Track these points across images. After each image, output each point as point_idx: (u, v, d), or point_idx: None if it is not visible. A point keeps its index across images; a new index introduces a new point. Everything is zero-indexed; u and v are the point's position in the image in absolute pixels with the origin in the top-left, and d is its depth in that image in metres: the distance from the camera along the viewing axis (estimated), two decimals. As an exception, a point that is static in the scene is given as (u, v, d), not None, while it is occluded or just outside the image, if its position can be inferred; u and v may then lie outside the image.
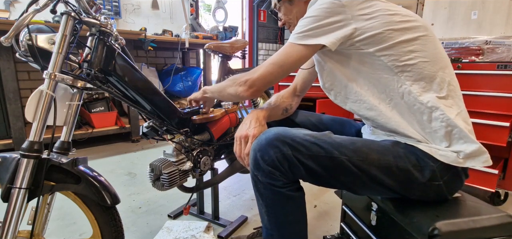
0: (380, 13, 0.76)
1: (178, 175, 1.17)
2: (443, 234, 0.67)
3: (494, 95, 1.47)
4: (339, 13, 0.76)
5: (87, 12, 0.89)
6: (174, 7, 3.74)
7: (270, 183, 0.75)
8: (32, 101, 0.80)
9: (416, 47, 0.77)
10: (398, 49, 0.76)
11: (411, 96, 0.77)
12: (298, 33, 0.79)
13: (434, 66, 0.78)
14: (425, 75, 0.77)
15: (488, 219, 0.73)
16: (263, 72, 0.83)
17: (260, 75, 0.83)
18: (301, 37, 0.78)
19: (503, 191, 1.64)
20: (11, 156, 0.81)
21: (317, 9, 0.78)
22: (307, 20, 0.79)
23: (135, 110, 1.11)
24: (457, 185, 0.81)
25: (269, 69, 0.82)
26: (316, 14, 0.77)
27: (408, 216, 0.76)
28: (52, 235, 1.35)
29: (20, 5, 2.69)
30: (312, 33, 0.78)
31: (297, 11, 0.96)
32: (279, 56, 0.81)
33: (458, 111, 0.78)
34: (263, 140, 0.76)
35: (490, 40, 1.61)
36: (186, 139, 1.24)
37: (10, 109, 2.15)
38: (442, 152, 0.76)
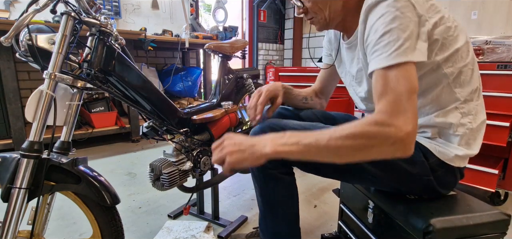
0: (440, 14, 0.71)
1: (178, 175, 1.17)
2: (438, 230, 0.68)
3: (494, 95, 1.47)
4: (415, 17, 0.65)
5: (87, 12, 0.89)
6: (174, 7, 3.74)
7: (263, 165, 0.74)
8: (32, 101, 0.80)
9: (465, 52, 0.75)
10: (454, 57, 0.73)
11: (452, 103, 0.76)
12: (399, 48, 0.62)
13: (476, 72, 0.78)
14: (470, 82, 0.77)
15: (481, 216, 0.74)
16: (414, 112, 0.60)
17: (414, 118, 0.60)
18: (406, 51, 0.62)
19: (503, 191, 1.64)
20: (11, 156, 0.81)
21: (394, 17, 0.63)
22: (393, 31, 0.63)
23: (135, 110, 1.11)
24: (450, 182, 0.83)
25: (415, 102, 0.61)
26: (398, 23, 0.63)
27: (404, 213, 0.77)
28: (52, 235, 1.35)
29: (20, 5, 2.69)
30: (412, 43, 0.63)
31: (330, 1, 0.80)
32: (408, 82, 0.61)
33: (483, 118, 0.81)
34: (258, 128, 0.83)
35: (490, 40, 1.61)
36: (186, 139, 1.24)
37: (10, 109, 2.15)
38: (441, 149, 0.77)
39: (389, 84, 0.61)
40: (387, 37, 0.63)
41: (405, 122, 0.58)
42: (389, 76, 0.61)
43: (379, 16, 0.65)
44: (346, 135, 0.60)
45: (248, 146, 0.67)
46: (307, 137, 0.63)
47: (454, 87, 0.75)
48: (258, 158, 0.66)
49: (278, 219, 0.87)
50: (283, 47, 5.18)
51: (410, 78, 0.61)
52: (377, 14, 0.65)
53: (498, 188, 1.61)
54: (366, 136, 0.60)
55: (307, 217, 1.53)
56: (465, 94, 0.76)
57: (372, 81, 0.65)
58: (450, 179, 0.81)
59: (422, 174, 0.77)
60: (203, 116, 1.28)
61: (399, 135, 0.58)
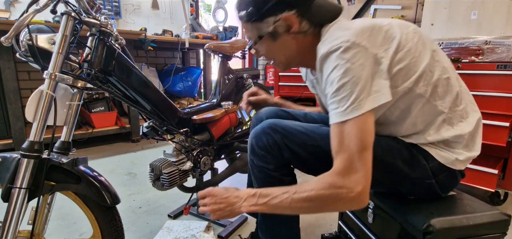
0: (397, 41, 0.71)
1: (178, 175, 1.17)
2: (437, 231, 0.69)
3: (494, 95, 1.47)
4: (369, 59, 0.66)
5: (87, 12, 0.89)
6: (174, 7, 3.74)
7: (263, 166, 0.82)
8: (32, 101, 0.80)
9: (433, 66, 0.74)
10: (423, 76, 0.73)
11: (438, 116, 0.76)
12: (351, 105, 0.64)
13: (452, 77, 0.77)
14: (449, 90, 0.76)
15: (481, 217, 0.74)
16: (366, 171, 0.64)
17: (366, 176, 0.64)
18: (359, 106, 0.64)
19: (502, 191, 1.64)
20: (11, 156, 0.82)
21: (346, 70, 0.64)
22: (346, 87, 0.64)
23: (135, 110, 1.11)
24: (452, 184, 0.83)
25: (367, 159, 0.64)
26: (350, 77, 0.64)
27: (404, 213, 0.78)
28: (52, 235, 1.35)
29: (20, 5, 2.69)
30: (364, 95, 0.64)
31: (282, 46, 0.82)
32: (360, 140, 0.64)
33: (477, 117, 0.80)
34: (259, 129, 0.84)
35: (490, 40, 1.61)
36: (186, 139, 1.24)
37: (10, 109, 2.15)
38: (443, 153, 0.77)
39: (343, 141, 0.65)
40: (341, 92, 0.65)
41: (357, 182, 0.63)
42: (344, 132, 0.65)
43: (332, 69, 0.66)
44: (304, 198, 0.67)
45: (228, 205, 0.74)
46: (274, 198, 0.70)
47: (433, 101, 0.75)
48: (236, 214, 0.75)
49: (279, 221, 0.88)
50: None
51: (364, 133, 0.64)
52: (330, 66, 0.67)
53: (497, 188, 1.61)
54: (320, 199, 0.66)
55: (307, 217, 1.53)
56: (448, 104, 0.76)
57: (330, 134, 0.67)
58: (451, 181, 0.81)
59: (423, 177, 0.77)
60: (203, 116, 1.28)
61: (350, 195, 0.63)
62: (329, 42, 0.68)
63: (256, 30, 0.81)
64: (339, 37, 0.67)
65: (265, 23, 0.78)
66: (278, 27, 0.77)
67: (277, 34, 0.78)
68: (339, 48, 0.65)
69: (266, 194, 0.71)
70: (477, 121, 0.79)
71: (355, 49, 0.65)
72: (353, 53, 0.64)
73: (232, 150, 1.50)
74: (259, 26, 0.79)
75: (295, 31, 0.77)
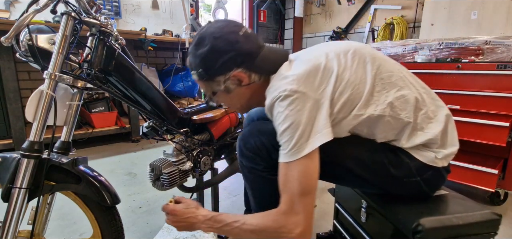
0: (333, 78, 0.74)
1: (178, 175, 1.17)
2: (427, 230, 0.69)
3: (494, 95, 1.47)
4: (307, 103, 0.70)
5: (87, 12, 0.89)
6: (174, 7, 3.74)
7: (253, 167, 0.84)
8: (32, 101, 0.80)
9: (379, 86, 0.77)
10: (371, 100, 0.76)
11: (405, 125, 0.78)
12: (292, 148, 0.70)
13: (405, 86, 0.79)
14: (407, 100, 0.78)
15: (472, 216, 0.74)
16: (306, 214, 0.70)
17: (306, 219, 0.71)
18: (299, 150, 0.69)
19: (502, 191, 1.64)
20: (11, 156, 0.82)
21: (287, 116, 0.70)
22: (287, 132, 0.70)
23: (135, 110, 1.11)
24: (439, 182, 0.84)
25: (307, 203, 0.71)
26: (290, 122, 0.69)
27: (395, 212, 0.79)
28: (52, 235, 1.35)
29: (20, 5, 2.69)
30: (304, 140, 0.69)
31: (236, 97, 0.85)
32: (301, 184, 0.70)
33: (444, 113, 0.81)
34: (246, 131, 0.87)
35: (490, 40, 1.61)
36: (186, 139, 1.24)
37: (10, 109, 2.15)
38: (423, 153, 0.79)
39: (287, 183, 0.71)
40: (283, 137, 0.71)
41: (296, 224, 0.70)
42: (288, 174, 0.71)
43: (276, 115, 0.73)
44: (251, 230, 0.75)
45: (187, 224, 0.84)
46: (226, 225, 0.78)
47: (396, 116, 0.77)
48: (193, 230, 0.85)
49: None
50: (283, 47, 5.18)
51: (305, 178, 0.70)
52: (275, 113, 0.73)
53: (498, 188, 1.61)
54: (264, 234, 0.73)
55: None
56: (411, 113, 0.77)
57: (288, 171, 0.72)
58: (437, 179, 0.83)
59: (408, 176, 0.79)
60: (203, 116, 1.28)
61: (289, 235, 0.70)
62: (271, 93, 0.75)
63: (209, 87, 0.85)
64: (279, 87, 0.72)
65: (216, 82, 0.82)
66: (230, 84, 0.82)
67: (230, 89, 0.83)
68: (279, 97, 0.71)
69: (220, 220, 0.79)
70: (445, 117, 0.81)
71: (293, 96, 0.70)
72: (291, 100, 0.70)
73: (232, 150, 1.50)
74: (211, 84, 0.84)
75: (247, 84, 0.82)
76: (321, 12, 4.57)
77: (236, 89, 0.83)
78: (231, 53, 0.78)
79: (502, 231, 1.42)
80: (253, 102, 0.89)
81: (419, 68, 1.74)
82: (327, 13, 4.50)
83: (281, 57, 0.83)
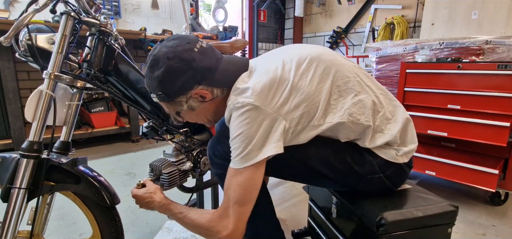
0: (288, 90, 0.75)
1: (178, 175, 1.17)
2: (389, 223, 0.74)
3: (495, 95, 1.47)
4: (260, 116, 0.72)
5: (87, 12, 0.89)
6: (174, 7, 3.74)
7: (222, 173, 0.82)
8: (31, 101, 0.80)
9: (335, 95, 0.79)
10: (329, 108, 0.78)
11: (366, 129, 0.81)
12: (239, 155, 0.72)
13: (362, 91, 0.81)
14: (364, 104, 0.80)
15: (431, 208, 0.80)
16: (235, 221, 0.74)
17: (235, 225, 0.75)
18: (245, 159, 0.72)
19: (503, 191, 1.64)
20: (10, 156, 0.81)
21: (239, 125, 0.72)
22: (237, 139, 0.73)
23: (135, 110, 1.10)
24: (401, 178, 0.89)
25: (241, 211, 0.74)
26: (241, 131, 0.72)
27: (361, 207, 0.83)
28: (52, 235, 1.35)
29: (20, 5, 2.69)
30: (252, 149, 0.71)
31: (202, 112, 0.86)
32: (239, 193, 0.73)
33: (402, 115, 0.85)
34: (214, 139, 0.88)
35: (490, 40, 1.61)
36: (186, 139, 1.23)
37: (9, 109, 2.15)
38: (385, 150, 0.83)
39: (229, 187, 0.75)
40: (233, 143, 0.74)
41: (225, 227, 0.75)
42: (232, 180, 0.74)
43: (231, 125, 0.75)
44: (189, 224, 0.83)
45: (146, 206, 0.93)
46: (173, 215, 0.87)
47: (356, 121, 0.79)
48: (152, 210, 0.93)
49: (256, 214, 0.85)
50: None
51: (246, 188, 0.73)
52: (231, 121, 0.75)
53: (498, 188, 1.60)
54: (198, 229, 0.81)
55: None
56: (370, 116, 0.79)
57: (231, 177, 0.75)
58: (400, 174, 0.87)
59: (371, 172, 0.82)
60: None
61: (217, 236, 0.76)
62: (228, 106, 0.77)
63: (172, 108, 0.85)
64: (234, 100, 0.74)
65: (178, 103, 0.82)
66: (192, 102, 0.82)
67: (194, 106, 0.83)
68: (234, 108, 0.73)
69: (169, 209, 0.87)
70: (402, 117, 0.84)
71: (246, 108, 0.71)
72: (243, 111, 0.72)
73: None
74: (173, 105, 0.84)
75: (210, 99, 0.82)
76: (321, 12, 4.57)
77: (200, 105, 0.83)
78: (189, 72, 0.76)
79: (502, 231, 1.42)
80: (219, 114, 0.88)
81: (419, 68, 1.74)
82: (327, 13, 4.50)
83: (241, 68, 0.83)
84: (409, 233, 0.77)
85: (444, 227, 0.81)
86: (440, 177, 1.68)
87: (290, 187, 1.89)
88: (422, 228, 0.79)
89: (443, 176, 1.66)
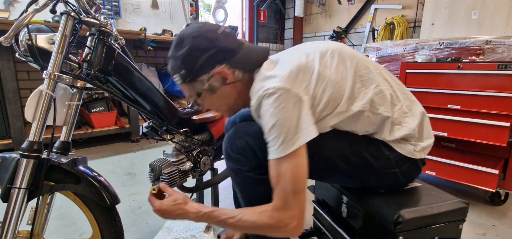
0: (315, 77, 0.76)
1: (178, 175, 1.17)
2: (406, 220, 0.75)
3: (495, 95, 1.47)
4: (293, 99, 0.72)
5: (87, 12, 0.89)
6: (174, 7, 3.74)
7: (239, 168, 0.84)
8: (31, 101, 0.80)
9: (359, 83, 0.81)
10: (353, 96, 0.79)
11: (385, 120, 0.82)
12: (282, 144, 0.71)
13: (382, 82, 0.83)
14: (385, 96, 0.81)
15: (444, 205, 0.81)
16: (299, 209, 0.74)
17: (300, 214, 0.75)
18: (289, 144, 0.71)
19: (503, 191, 1.64)
20: (10, 156, 0.81)
21: (274, 112, 0.71)
22: (275, 128, 0.71)
23: (135, 110, 1.11)
24: (415, 174, 0.89)
25: (300, 199, 0.74)
26: (278, 118, 0.70)
27: (375, 206, 0.83)
28: (52, 235, 1.35)
29: (20, 5, 2.69)
30: (293, 133, 0.71)
31: (222, 97, 0.86)
32: (292, 182, 0.72)
33: (419, 110, 0.86)
34: (231, 133, 0.87)
35: (490, 40, 1.61)
36: (186, 139, 1.23)
37: (9, 109, 2.15)
38: (402, 145, 0.84)
39: (280, 178, 0.73)
40: (272, 133, 0.72)
41: (292, 218, 0.73)
42: (280, 169, 0.73)
43: (263, 113, 0.74)
44: (247, 226, 0.78)
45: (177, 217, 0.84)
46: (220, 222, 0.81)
47: (376, 111, 0.80)
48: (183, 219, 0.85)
49: None
50: (283, 47, 5.17)
51: (296, 176, 0.72)
52: (262, 111, 0.74)
53: (498, 188, 1.60)
54: (259, 229, 0.77)
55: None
56: (389, 107, 0.81)
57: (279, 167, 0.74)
58: (414, 170, 0.88)
59: (387, 166, 0.83)
60: (203, 116, 1.28)
61: (285, 229, 0.75)
62: (256, 93, 0.76)
63: (193, 89, 0.85)
64: (263, 86, 0.74)
65: (200, 82, 0.82)
66: (214, 82, 0.82)
67: (215, 88, 0.83)
68: (264, 95, 0.72)
69: (214, 217, 0.81)
70: (420, 112, 0.86)
71: (278, 93, 0.71)
72: (276, 97, 0.71)
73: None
74: (195, 85, 0.84)
75: (231, 82, 0.82)
76: (321, 12, 4.57)
77: (221, 88, 0.83)
78: (212, 50, 0.79)
79: (502, 231, 1.42)
80: (240, 103, 0.89)
81: (419, 68, 1.74)
82: (327, 13, 4.50)
83: (262, 55, 0.85)
84: (424, 230, 0.79)
85: (456, 224, 0.82)
86: (440, 177, 1.68)
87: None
88: (436, 225, 0.80)
89: (443, 176, 1.66)
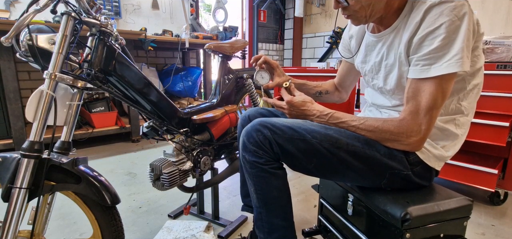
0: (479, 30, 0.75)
1: (178, 175, 1.17)
2: (414, 218, 0.76)
3: (494, 95, 1.47)
4: (470, 24, 0.69)
5: (87, 12, 0.89)
6: (174, 7, 3.74)
7: (255, 161, 0.85)
8: (32, 101, 0.80)
9: (482, 71, 0.82)
10: (477, 73, 0.81)
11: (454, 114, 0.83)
12: (453, 57, 0.67)
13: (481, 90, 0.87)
14: (474, 99, 0.86)
15: (449, 203, 0.82)
16: (427, 127, 0.73)
17: (426, 131, 0.74)
18: (458, 63, 0.67)
19: (502, 191, 1.64)
20: (11, 156, 0.82)
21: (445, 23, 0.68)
22: (438, 40, 0.68)
23: (135, 110, 1.11)
24: (426, 178, 0.88)
25: (432, 116, 0.73)
26: (446, 33, 0.68)
27: (382, 204, 0.84)
28: (52, 235, 1.35)
29: (21, 5, 2.69)
30: (454, 55, 0.67)
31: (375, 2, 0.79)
32: (433, 99, 0.71)
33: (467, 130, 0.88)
34: (249, 126, 0.87)
35: (489, 40, 1.61)
36: (186, 139, 1.24)
37: (10, 109, 2.15)
38: (424, 149, 0.83)
39: (418, 93, 0.73)
40: (428, 46, 0.70)
41: (417, 132, 0.74)
42: (420, 86, 0.72)
43: (440, 23, 0.68)
44: (371, 129, 0.80)
45: (302, 115, 0.90)
46: (342, 123, 0.84)
47: (462, 100, 0.82)
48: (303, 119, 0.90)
49: (273, 213, 0.89)
50: (283, 47, 5.18)
51: (442, 93, 0.71)
52: (436, 16, 0.69)
53: (498, 188, 1.61)
54: (383, 133, 0.79)
55: (306, 214, 1.53)
56: (467, 109, 0.83)
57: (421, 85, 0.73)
58: (426, 174, 0.87)
59: (401, 168, 0.82)
60: (203, 116, 1.29)
61: (406, 141, 0.76)
62: None
63: None
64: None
65: None
66: None
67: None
68: (434, 5, 0.69)
69: (337, 117, 0.84)
70: (465, 133, 0.88)
71: (466, 9, 0.67)
72: (464, 12, 0.67)
73: (232, 150, 1.50)
74: None
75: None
76: (321, 12, 4.57)
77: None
78: None
79: (501, 230, 1.42)
80: (380, 13, 0.81)
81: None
82: (327, 13, 4.50)
83: None
84: (430, 228, 0.80)
85: (461, 220, 0.84)
86: (439, 176, 1.68)
87: (291, 186, 1.89)
88: (442, 222, 0.81)
89: (442, 175, 1.66)
